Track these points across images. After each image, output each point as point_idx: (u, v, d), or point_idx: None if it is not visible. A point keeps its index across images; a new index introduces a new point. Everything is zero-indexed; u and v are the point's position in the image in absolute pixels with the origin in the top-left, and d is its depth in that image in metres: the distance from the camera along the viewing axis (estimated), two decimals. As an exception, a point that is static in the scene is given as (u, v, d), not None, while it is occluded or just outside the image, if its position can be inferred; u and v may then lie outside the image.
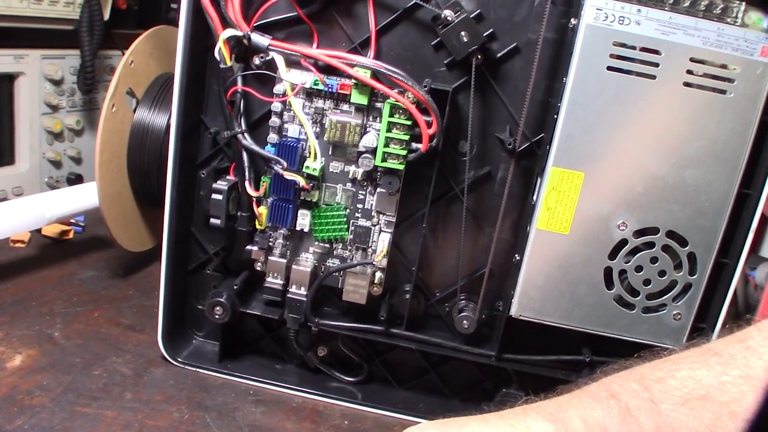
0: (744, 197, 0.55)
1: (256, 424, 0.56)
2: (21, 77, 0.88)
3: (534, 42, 0.54)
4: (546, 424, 0.42)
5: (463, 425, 0.45)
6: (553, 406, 0.44)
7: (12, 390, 0.55)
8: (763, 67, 0.51)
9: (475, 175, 0.57)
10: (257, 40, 0.54)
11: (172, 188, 0.58)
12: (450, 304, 0.61)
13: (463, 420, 0.45)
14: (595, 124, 0.52)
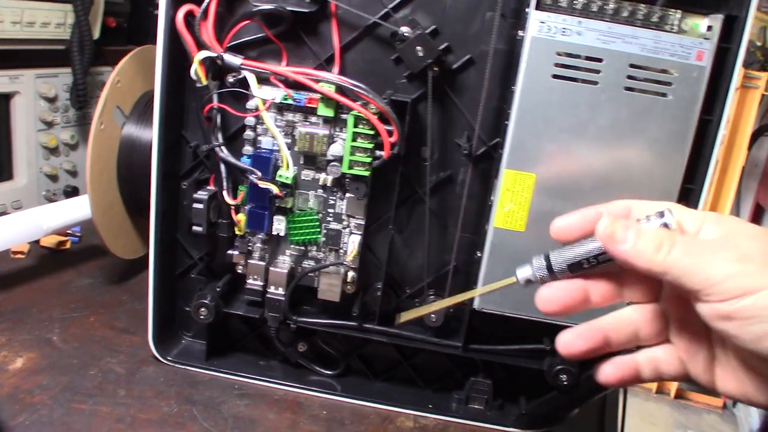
0: (687, 192, 0.59)
1: (240, 415, 0.61)
2: (16, 96, 0.93)
3: (487, 53, 0.58)
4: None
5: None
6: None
7: (14, 390, 0.59)
8: (699, 71, 0.55)
9: (437, 179, 0.61)
10: (230, 60, 0.59)
11: (157, 199, 0.63)
12: (419, 299, 0.65)
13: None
14: (544, 129, 0.56)
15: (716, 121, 0.57)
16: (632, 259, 0.40)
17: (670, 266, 0.39)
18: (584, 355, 0.46)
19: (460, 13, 0.58)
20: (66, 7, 0.93)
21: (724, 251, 0.38)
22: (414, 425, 0.64)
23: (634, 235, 0.40)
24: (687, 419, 2.43)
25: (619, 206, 0.45)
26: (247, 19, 0.59)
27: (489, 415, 0.67)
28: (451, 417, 0.66)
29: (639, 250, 0.40)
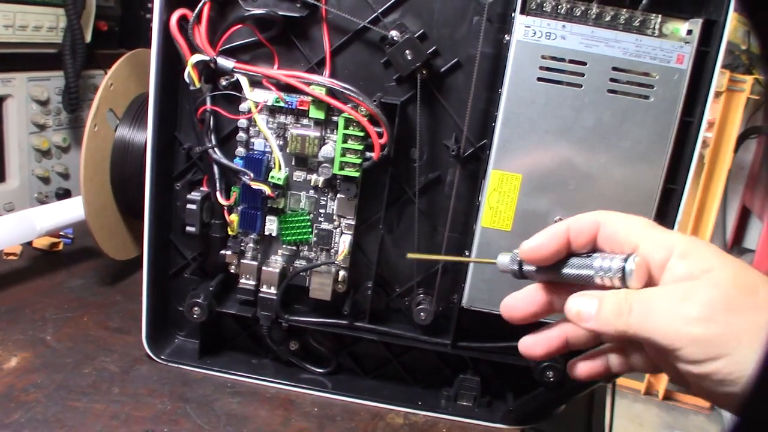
0: (669, 192, 0.60)
1: (232, 413, 0.62)
2: (9, 99, 0.93)
3: (474, 57, 0.59)
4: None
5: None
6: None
7: (9, 388, 0.60)
8: (679, 73, 0.57)
9: (426, 180, 0.63)
10: (223, 63, 0.60)
11: (150, 200, 0.64)
12: (409, 298, 0.66)
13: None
14: (529, 130, 0.58)
15: (696, 122, 0.58)
16: (600, 330, 0.41)
17: (633, 331, 0.40)
18: (544, 358, 0.48)
19: (448, 18, 0.59)
20: (58, 11, 0.94)
21: (684, 306, 0.38)
22: (404, 422, 0.65)
23: (597, 306, 0.41)
24: (675, 420, 2.45)
25: (585, 221, 0.44)
26: (240, 23, 0.60)
27: (477, 411, 0.68)
28: (440, 413, 0.67)
29: (602, 321, 0.41)
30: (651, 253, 0.41)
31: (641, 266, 0.41)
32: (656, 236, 0.42)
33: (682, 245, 0.41)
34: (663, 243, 0.41)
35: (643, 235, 0.42)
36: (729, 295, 0.38)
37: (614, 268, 0.42)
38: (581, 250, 0.45)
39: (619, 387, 2.42)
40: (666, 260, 0.41)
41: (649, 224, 0.43)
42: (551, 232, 0.45)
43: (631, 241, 0.42)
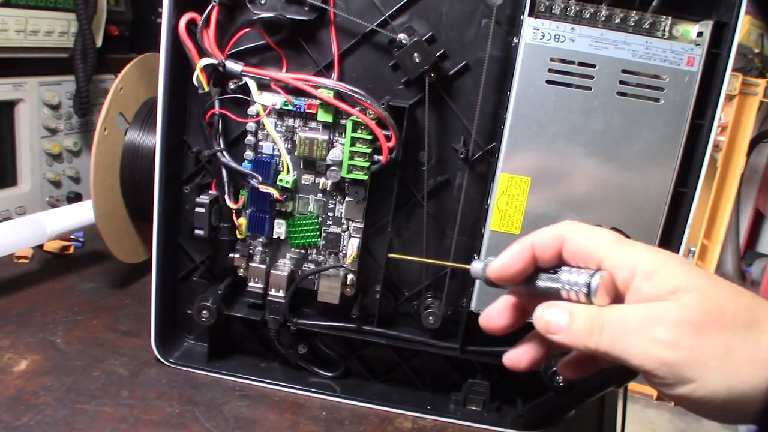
0: (680, 195, 0.59)
1: (241, 416, 0.62)
2: (20, 104, 0.94)
3: (482, 60, 0.59)
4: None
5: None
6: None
7: (19, 391, 0.60)
8: (690, 76, 0.56)
9: (435, 183, 0.63)
10: (231, 66, 0.60)
11: (159, 204, 0.64)
12: (417, 302, 0.66)
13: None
14: (538, 133, 0.57)
15: (707, 125, 0.58)
16: (571, 345, 0.41)
17: (604, 350, 0.39)
18: (529, 369, 0.48)
19: (456, 21, 0.59)
20: (69, 16, 0.95)
21: (652, 330, 0.38)
22: (412, 426, 0.65)
23: (567, 320, 0.41)
24: (687, 426, 2.44)
25: (548, 236, 0.44)
26: (248, 26, 0.60)
27: (486, 416, 0.67)
28: (448, 418, 0.66)
29: (573, 336, 0.40)
30: (615, 270, 0.41)
31: (606, 283, 0.40)
32: (619, 253, 0.41)
33: (645, 264, 0.40)
34: (626, 261, 0.40)
35: (607, 252, 0.41)
36: (695, 318, 0.37)
37: (580, 283, 0.41)
38: (547, 265, 0.44)
39: (631, 392, 2.41)
40: (630, 279, 0.40)
41: (613, 239, 0.42)
42: (516, 251, 0.44)
43: (595, 257, 0.42)
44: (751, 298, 0.39)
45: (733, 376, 0.37)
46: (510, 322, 0.47)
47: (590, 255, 0.42)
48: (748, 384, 0.37)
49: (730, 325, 0.37)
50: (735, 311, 0.38)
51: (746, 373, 0.36)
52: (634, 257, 0.40)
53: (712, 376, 0.37)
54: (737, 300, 0.39)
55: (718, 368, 0.37)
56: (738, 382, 0.37)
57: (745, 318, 0.38)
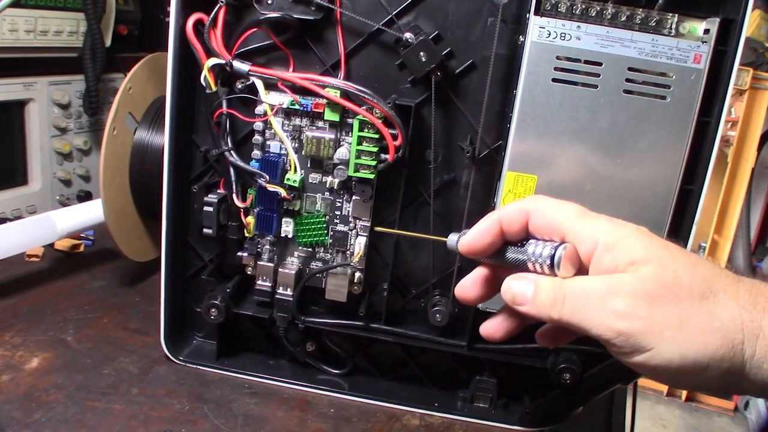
0: (687, 192, 0.60)
1: (250, 413, 0.62)
2: (31, 103, 0.95)
3: (488, 58, 0.59)
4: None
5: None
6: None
7: (30, 389, 0.61)
8: (697, 73, 0.56)
9: (441, 181, 0.63)
10: (238, 66, 0.60)
11: (168, 203, 0.64)
12: (425, 299, 0.66)
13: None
14: (544, 132, 0.58)
15: (714, 122, 0.58)
16: (536, 315, 0.42)
17: (567, 320, 0.41)
18: (505, 338, 0.50)
19: (462, 19, 0.59)
20: (78, 16, 0.95)
21: (610, 301, 0.39)
22: (420, 423, 0.65)
23: (532, 292, 0.42)
24: (698, 422, 2.43)
25: (514, 211, 0.45)
26: (255, 26, 0.61)
27: (494, 413, 0.68)
28: (456, 415, 0.67)
29: (538, 307, 0.42)
30: (578, 243, 0.42)
31: (569, 256, 0.42)
32: (582, 226, 0.42)
33: (606, 236, 0.41)
34: (588, 233, 0.42)
35: (570, 225, 0.42)
36: (651, 289, 0.39)
37: (544, 256, 0.42)
38: (515, 239, 0.45)
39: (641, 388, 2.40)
40: (592, 250, 0.41)
41: (576, 213, 0.43)
42: (483, 226, 0.46)
43: (558, 230, 0.43)
44: (709, 268, 0.40)
45: (686, 345, 0.38)
46: (483, 292, 0.49)
47: (555, 228, 0.43)
48: (701, 353, 0.38)
49: (686, 296, 0.38)
50: (690, 282, 0.39)
51: (699, 342, 0.38)
52: (596, 230, 0.41)
53: (666, 345, 0.38)
54: (694, 270, 0.39)
55: (672, 338, 0.38)
56: (691, 350, 0.38)
57: (700, 288, 0.39)
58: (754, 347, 0.38)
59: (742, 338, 0.38)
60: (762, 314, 0.38)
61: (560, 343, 0.50)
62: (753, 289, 0.40)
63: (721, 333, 0.38)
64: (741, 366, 0.38)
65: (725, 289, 0.39)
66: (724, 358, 0.38)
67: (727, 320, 0.38)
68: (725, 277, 0.40)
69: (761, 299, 0.39)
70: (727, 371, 0.38)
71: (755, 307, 0.39)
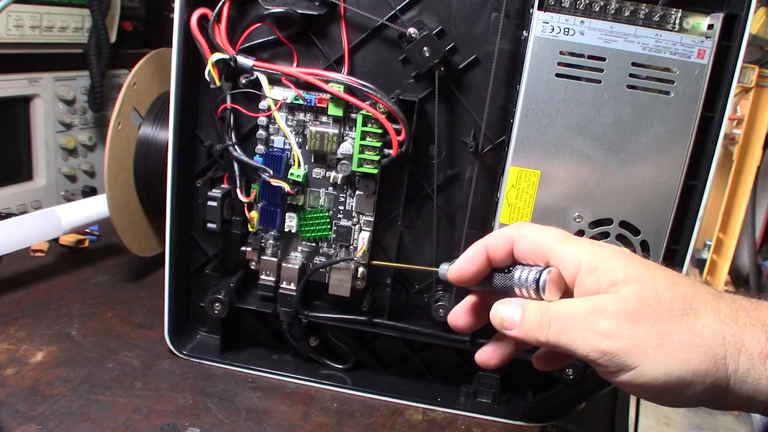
0: (690, 188, 0.59)
1: (253, 407, 0.62)
2: (36, 99, 0.95)
3: (492, 53, 0.59)
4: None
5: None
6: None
7: (35, 382, 0.61)
8: (700, 68, 0.56)
9: (445, 177, 0.63)
10: (242, 61, 0.60)
11: (172, 197, 0.65)
12: (428, 294, 0.66)
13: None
14: (548, 127, 0.58)
15: (718, 118, 0.58)
16: (524, 339, 0.43)
17: (553, 342, 0.41)
18: (500, 366, 0.50)
19: (466, 14, 0.59)
20: (83, 12, 0.95)
21: (594, 322, 0.40)
22: (423, 418, 0.65)
23: (520, 316, 0.43)
24: (702, 420, 2.42)
25: (499, 238, 0.46)
26: (259, 22, 0.61)
27: (497, 408, 0.68)
28: (459, 410, 0.67)
29: (525, 331, 0.43)
30: (561, 266, 0.43)
31: (554, 279, 0.42)
32: (565, 250, 0.43)
33: (587, 258, 0.42)
34: (571, 257, 0.42)
35: (553, 249, 0.43)
36: (632, 309, 0.39)
37: (530, 280, 0.43)
38: (501, 265, 0.46)
39: (645, 386, 2.39)
40: (576, 273, 0.42)
41: (559, 237, 0.44)
42: (470, 254, 0.47)
43: (543, 255, 0.44)
44: (689, 286, 0.41)
45: (669, 362, 0.38)
46: (474, 320, 0.50)
47: (539, 253, 0.44)
48: (684, 368, 0.38)
49: (666, 313, 0.39)
50: (671, 299, 0.39)
51: (682, 358, 0.38)
52: (578, 253, 0.42)
53: (649, 363, 0.38)
54: (673, 288, 0.40)
55: (655, 355, 0.38)
56: (674, 366, 0.38)
57: (680, 305, 0.39)
58: (737, 361, 0.38)
59: (725, 353, 0.38)
60: (743, 329, 0.39)
61: (557, 366, 0.51)
62: (733, 304, 0.40)
63: (702, 348, 0.38)
64: (725, 381, 0.38)
65: (706, 305, 0.40)
66: (708, 373, 0.38)
67: (709, 336, 0.39)
68: (705, 293, 0.41)
69: (742, 314, 0.40)
70: (712, 386, 0.38)
71: (736, 322, 0.39)
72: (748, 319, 0.39)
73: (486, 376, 0.68)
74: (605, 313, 0.39)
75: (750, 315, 0.40)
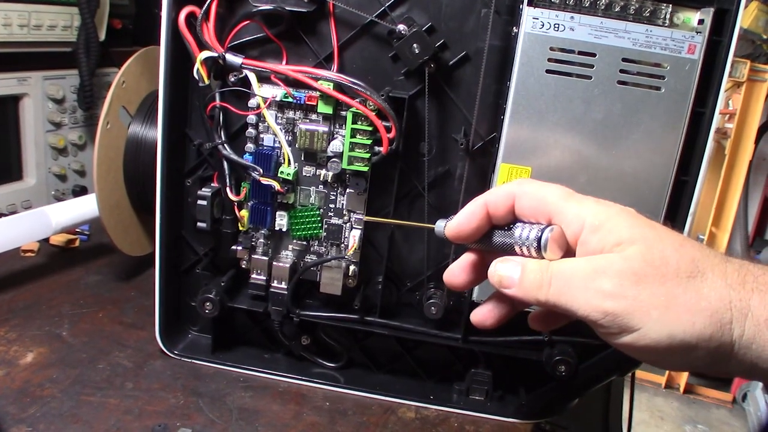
0: (682, 183, 0.59)
1: (244, 407, 0.62)
2: (25, 98, 0.95)
3: (482, 50, 0.59)
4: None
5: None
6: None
7: (25, 383, 0.61)
8: (691, 64, 0.56)
9: (436, 174, 0.63)
10: (231, 59, 0.60)
11: (161, 196, 0.64)
12: (420, 292, 0.66)
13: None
14: (538, 123, 0.57)
15: (709, 113, 0.58)
16: (523, 298, 0.42)
17: (553, 302, 0.40)
18: (497, 325, 0.49)
19: (456, 11, 0.59)
20: (72, 10, 0.95)
21: (598, 281, 0.39)
22: (415, 416, 0.65)
23: (519, 274, 0.42)
24: (696, 414, 2.43)
25: (500, 194, 0.45)
26: (248, 19, 0.60)
27: (489, 405, 0.68)
28: (452, 408, 0.67)
29: (525, 289, 0.42)
30: (564, 224, 0.42)
31: (556, 238, 0.42)
32: (568, 208, 0.42)
33: (592, 217, 0.41)
34: (574, 215, 0.42)
35: (556, 207, 0.42)
36: (638, 269, 0.38)
37: (531, 238, 0.42)
38: (502, 223, 0.45)
39: (638, 380, 2.41)
40: (579, 232, 0.41)
41: (563, 195, 0.43)
42: (469, 210, 0.45)
43: (545, 212, 0.43)
44: (696, 248, 0.40)
45: (673, 324, 0.38)
46: (471, 278, 0.48)
47: (541, 210, 0.43)
48: (689, 332, 0.38)
49: (673, 275, 0.38)
50: (678, 261, 0.39)
51: (687, 321, 0.37)
52: (582, 211, 0.41)
53: (653, 325, 0.38)
54: (681, 250, 0.39)
55: (659, 317, 0.38)
56: (678, 329, 0.38)
57: (687, 267, 0.39)
58: (743, 326, 0.38)
59: (731, 317, 0.38)
60: (751, 293, 0.38)
61: (553, 327, 0.50)
62: (741, 269, 0.39)
63: (708, 312, 0.38)
64: (729, 345, 0.38)
65: (713, 268, 0.39)
66: (713, 337, 0.38)
67: (715, 299, 0.38)
68: (713, 257, 0.40)
69: (750, 279, 0.39)
70: (716, 350, 0.38)
71: (744, 286, 0.38)
72: (756, 284, 0.39)
73: (479, 373, 0.68)
74: (609, 272, 0.39)
75: (758, 280, 0.39)
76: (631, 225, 0.40)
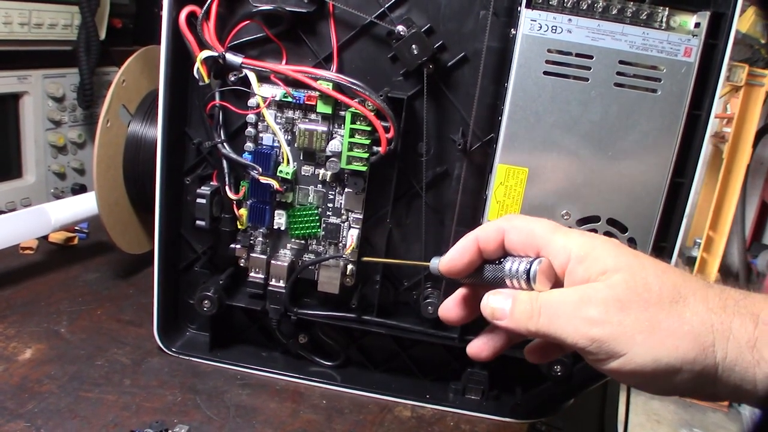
0: (677, 185, 0.60)
1: (242, 404, 0.62)
2: (25, 96, 0.95)
3: (480, 51, 0.59)
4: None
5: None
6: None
7: (23, 379, 0.61)
8: (687, 67, 0.57)
9: (433, 174, 0.63)
10: (231, 59, 0.60)
11: (161, 195, 0.65)
12: (417, 292, 0.67)
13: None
14: (536, 124, 0.58)
15: (705, 116, 0.58)
16: (515, 329, 0.43)
17: (544, 332, 0.42)
18: (492, 358, 0.50)
19: (454, 12, 0.59)
20: (73, 9, 0.95)
21: (583, 309, 0.40)
22: (411, 415, 0.65)
23: (510, 306, 0.43)
24: (692, 417, 2.44)
25: (490, 230, 0.46)
26: (248, 19, 0.61)
27: (485, 405, 0.68)
28: (448, 407, 0.67)
29: (516, 321, 0.43)
30: (552, 256, 0.43)
31: (544, 269, 0.43)
32: (555, 240, 0.43)
33: (578, 248, 0.42)
34: (561, 247, 0.43)
35: (544, 240, 0.44)
36: (622, 296, 0.40)
37: (521, 271, 0.44)
38: (492, 257, 0.47)
39: (635, 383, 2.40)
40: (566, 263, 0.43)
41: (550, 228, 0.44)
42: (461, 246, 0.47)
43: (534, 245, 0.44)
44: (678, 275, 0.41)
45: (658, 349, 0.39)
46: (466, 312, 0.50)
47: (530, 244, 0.44)
48: (673, 355, 0.39)
49: (655, 301, 0.39)
50: (660, 287, 0.40)
51: (671, 344, 0.39)
52: (569, 243, 0.43)
53: (638, 350, 0.39)
54: (663, 276, 0.41)
55: (644, 341, 0.39)
56: (663, 354, 0.39)
57: (670, 293, 0.40)
58: (725, 349, 0.39)
59: (713, 340, 0.39)
60: (731, 317, 0.39)
61: (549, 359, 0.52)
62: (722, 294, 0.41)
63: (691, 336, 0.39)
64: (713, 368, 0.39)
65: (695, 293, 0.40)
66: (696, 360, 0.38)
67: (697, 323, 0.39)
68: (694, 282, 0.41)
69: (730, 303, 0.40)
70: (700, 373, 0.39)
71: (725, 310, 0.40)
72: (737, 308, 0.40)
73: (475, 372, 0.68)
74: (594, 300, 0.40)
75: (738, 304, 0.40)
76: (616, 254, 0.42)
